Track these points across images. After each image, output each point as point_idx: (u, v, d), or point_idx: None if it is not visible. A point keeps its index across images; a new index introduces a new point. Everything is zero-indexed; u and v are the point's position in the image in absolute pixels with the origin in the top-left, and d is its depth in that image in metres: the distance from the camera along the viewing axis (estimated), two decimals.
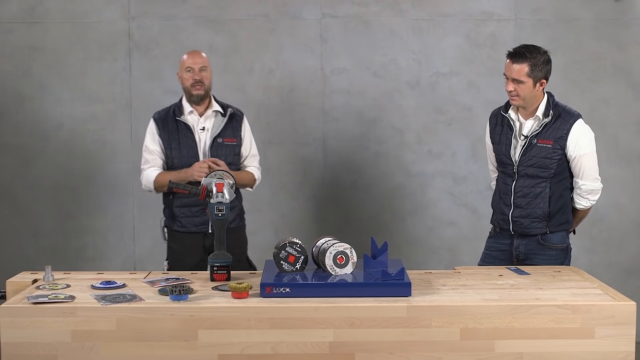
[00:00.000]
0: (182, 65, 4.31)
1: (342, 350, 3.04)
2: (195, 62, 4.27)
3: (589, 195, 3.97)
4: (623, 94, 5.34)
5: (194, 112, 4.31)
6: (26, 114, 5.31)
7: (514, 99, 3.87)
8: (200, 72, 4.26)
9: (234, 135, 4.35)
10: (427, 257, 5.40)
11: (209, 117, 4.33)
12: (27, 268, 4.22)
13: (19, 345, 3.01)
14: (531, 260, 3.95)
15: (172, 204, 4.30)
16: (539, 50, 3.86)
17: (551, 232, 3.93)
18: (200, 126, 4.30)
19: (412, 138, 5.37)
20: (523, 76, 3.80)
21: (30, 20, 5.27)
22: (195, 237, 4.29)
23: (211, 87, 4.35)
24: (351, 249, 3.32)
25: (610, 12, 5.29)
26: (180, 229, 4.30)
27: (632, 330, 3.07)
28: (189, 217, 4.27)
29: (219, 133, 4.31)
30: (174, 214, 4.30)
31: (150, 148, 4.31)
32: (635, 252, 5.42)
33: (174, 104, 4.39)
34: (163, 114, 4.35)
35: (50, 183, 5.36)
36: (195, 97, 4.27)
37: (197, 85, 4.25)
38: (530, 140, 3.89)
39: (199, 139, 4.29)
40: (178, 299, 3.10)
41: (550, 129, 3.87)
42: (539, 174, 3.89)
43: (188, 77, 4.27)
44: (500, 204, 4.03)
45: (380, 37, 5.32)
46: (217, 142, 4.29)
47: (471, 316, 3.04)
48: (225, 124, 4.33)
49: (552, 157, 3.87)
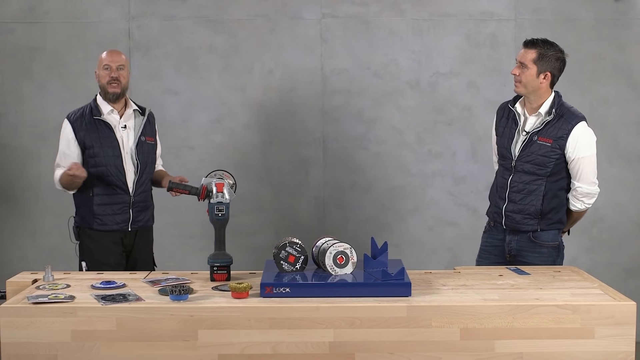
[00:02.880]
0: (100, 63, 4.27)
1: (342, 350, 3.04)
2: (113, 60, 4.24)
3: (584, 198, 3.96)
4: (623, 94, 5.34)
5: (114, 112, 4.28)
6: (26, 114, 5.31)
7: (516, 84, 3.95)
8: (117, 70, 4.23)
9: (152, 134, 4.37)
10: (427, 257, 5.40)
11: (130, 116, 4.31)
12: (27, 268, 4.23)
13: (19, 345, 3.02)
14: (523, 257, 3.97)
15: (92, 202, 4.23)
16: (553, 45, 3.98)
17: (542, 230, 3.94)
18: (122, 124, 4.27)
19: (412, 138, 5.37)
20: (528, 61, 3.90)
21: (30, 20, 5.27)
22: (115, 235, 4.25)
23: (127, 87, 4.31)
24: (351, 249, 3.32)
25: (610, 12, 5.29)
26: (100, 228, 4.23)
27: (632, 330, 3.07)
28: (111, 215, 4.23)
29: (141, 131, 4.30)
30: (94, 212, 4.23)
31: (65, 152, 4.25)
32: (635, 252, 5.42)
33: (88, 104, 4.32)
34: (79, 115, 4.27)
35: (50, 183, 5.33)
36: (111, 95, 4.23)
37: (114, 83, 4.21)
38: (531, 136, 3.91)
39: (121, 137, 4.25)
40: (178, 299, 3.10)
41: (551, 127, 3.89)
42: (535, 171, 3.91)
43: (105, 74, 4.23)
44: (496, 196, 4.07)
45: (380, 37, 5.32)
46: (141, 140, 4.29)
47: (471, 316, 3.04)
48: (144, 122, 4.33)
49: (550, 155, 3.88)
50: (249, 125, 5.36)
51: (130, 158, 4.25)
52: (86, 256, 4.27)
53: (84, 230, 4.29)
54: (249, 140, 5.36)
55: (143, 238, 4.37)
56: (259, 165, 5.37)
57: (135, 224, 4.28)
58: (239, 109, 5.35)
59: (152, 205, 4.41)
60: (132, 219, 4.25)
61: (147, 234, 4.40)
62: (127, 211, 4.25)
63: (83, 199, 4.29)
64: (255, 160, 5.37)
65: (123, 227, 4.26)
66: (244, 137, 5.36)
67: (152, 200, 4.42)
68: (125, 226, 4.26)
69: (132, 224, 4.26)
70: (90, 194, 4.24)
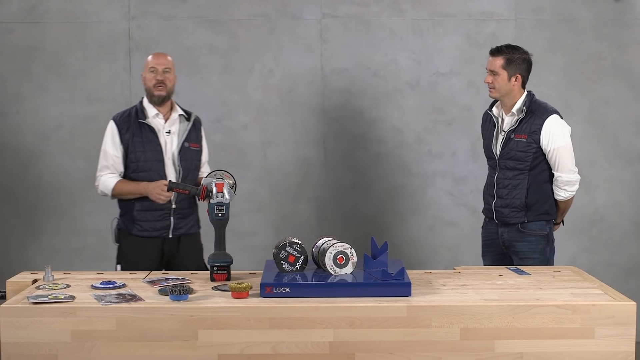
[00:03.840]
0: (146, 65, 4.24)
1: (342, 350, 3.04)
2: (159, 62, 4.21)
3: (566, 186, 4.17)
4: (623, 94, 5.34)
5: (159, 115, 4.23)
6: (26, 114, 5.31)
7: (490, 90, 4.19)
8: (163, 73, 4.19)
9: (197, 140, 4.32)
10: (427, 257, 5.39)
11: (175, 121, 4.26)
12: (27, 268, 4.23)
13: (19, 345, 3.01)
14: (514, 247, 4.20)
15: (133, 207, 4.19)
16: (517, 49, 4.20)
17: (530, 221, 4.17)
18: (166, 129, 4.22)
19: (412, 138, 5.37)
20: (498, 68, 4.15)
21: (30, 20, 5.27)
22: (154, 241, 4.21)
23: (174, 90, 4.28)
24: (351, 249, 3.32)
25: (610, 12, 5.29)
26: (139, 233, 4.20)
27: (632, 330, 3.07)
28: (151, 222, 4.19)
29: (185, 137, 4.25)
30: (134, 217, 4.20)
31: (110, 153, 4.21)
32: (635, 252, 5.42)
33: (134, 106, 4.28)
34: (125, 116, 4.24)
35: (50, 183, 5.35)
36: (157, 98, 4.19)
37: (160, 86, 4.18)
38: (508, 134, 4.16)
39: (164, 142, 4.20)
40: (178, 299, 3.10)
41: (525, 124, 4.12)
42: (516, 166, 4.15)
43: (150, 77, 4.20)
44: (487, 194, 4.33)
45: (380, 37, 5.32)
46: (184, 146, 4.23)
47: (471, 316, 3.04)
48: (189, 128, 4.28)
49: (527, 150, 4.11)
50: (249, 125, 5.36)
51: (172, 164, 4.19)
52: (122, 259, 4.24)
53: (124, 234, 4.26)
54: (249, 140, 5.36)
55: (188, 245, 4.29)
56: (259, 165, 5.37)
57: (177, 231, 4.22)
58: (239, 109, 5.35)
59: (195, 212, 4.33)
60: (173, 225, 4.21)
61: (192, 241, 4.32)
62: (167, 218, 4.20)
63: (125, 204, 4.25)
64: (255, 160, 5.37)
65: (163, 234, 4.21)
66: (244, 137, 5.36)
67: (195, 207, 4.34)
68: (165, 233, 4.21)
69: (173, 230, 4.22)
70: (131, 199, 4.20)
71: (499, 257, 4.29)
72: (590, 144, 5.32)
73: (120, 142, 4.20)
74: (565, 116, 4.38)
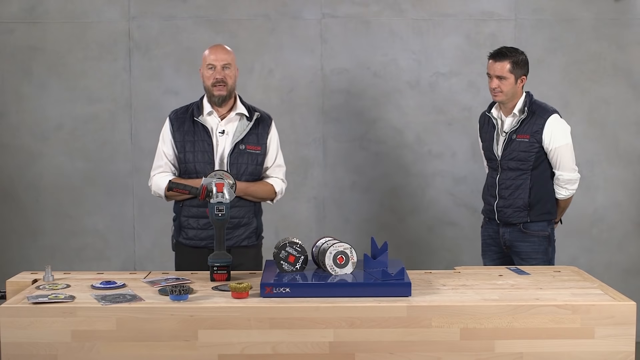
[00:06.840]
0: (203, 61, 3.87)
1: (342, 350, 3.04)
2: (217, 58, 3.82)
3: (567, 185, 4.22)
4: (623, 94, 5.34)
5: (213, 114, 3.86)
6: (26, 114, 5.31)
7: (497, 95, 4.19)
8: (223, 70, 3.82)
9: (258, 142, 3.88)
10: (427, 257, 5.39)
11: (232, 120, 3.87)
12: (27, 268, 4.22)
13: (19, 345, 3.01)
14: (516, 247, 4.24)
15: (180, 212, 3.89)
16: (517, 50, 4.22)
17: (532, 221, 4.21)
18: (219, 129, 3.85)
19: (412, 138, 5.37)
20: (506, 72, 4.15)
21: (30, 20, 5.27)
22: (201, 252, 3.78)
23: (235, 86, 3.89)
24: (351, 249, 3.32)
25: (610, 12, 5.29)
26: (185, 242, 3.88)
27: (632, 330, 3.07)
28: (195, 230, 3.85)
29: (242, 139, 3.85)
30: (181, 224, 3.89)
31: (164, 151, 3.88)
32: (635, 252, 5.42)
33: (194, 103, 3.94)
34: (181, 113, 3.91)
35: (50, 183, 5.35)
36: (217, 98, 3.83)
37: (219, 85, 3.81)
38: (510, 135, 4.19)
39: (216, 143, 3.84)
40: (178, 299, 3.10)
41: (527, 124, 4.16)
42: (519, 167, 4.19)
43: (209, 75, 3.82)
44: (487, 195, 4.35)
45: (380, 37, 5.32)
46: (238, 148, 3.83)
47: (471, 316, 3.04)
48: (250, 129, 3.87)
49: (530, 150, 4.15)
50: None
51: (222, 167, 3.82)
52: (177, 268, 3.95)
53: (176, 243, 3.95)
54: None
55: (241, 258, 3.79)
56: None
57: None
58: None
59: (252, 223, 3.90)
60: None
61: (246, 255, 3.87)
62: None
63: (177, 208, 3.93)
64: None
65: (209, 245, 3.77)
66: None
67: (254, 217, 3.92)
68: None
69: None
70: (180, 204, 3.88)
71: (499, 257, 4.31)
72: (590, 144, 5.32)
73: (172, 139, 3.86)
74: (565, 116, 4.39)
